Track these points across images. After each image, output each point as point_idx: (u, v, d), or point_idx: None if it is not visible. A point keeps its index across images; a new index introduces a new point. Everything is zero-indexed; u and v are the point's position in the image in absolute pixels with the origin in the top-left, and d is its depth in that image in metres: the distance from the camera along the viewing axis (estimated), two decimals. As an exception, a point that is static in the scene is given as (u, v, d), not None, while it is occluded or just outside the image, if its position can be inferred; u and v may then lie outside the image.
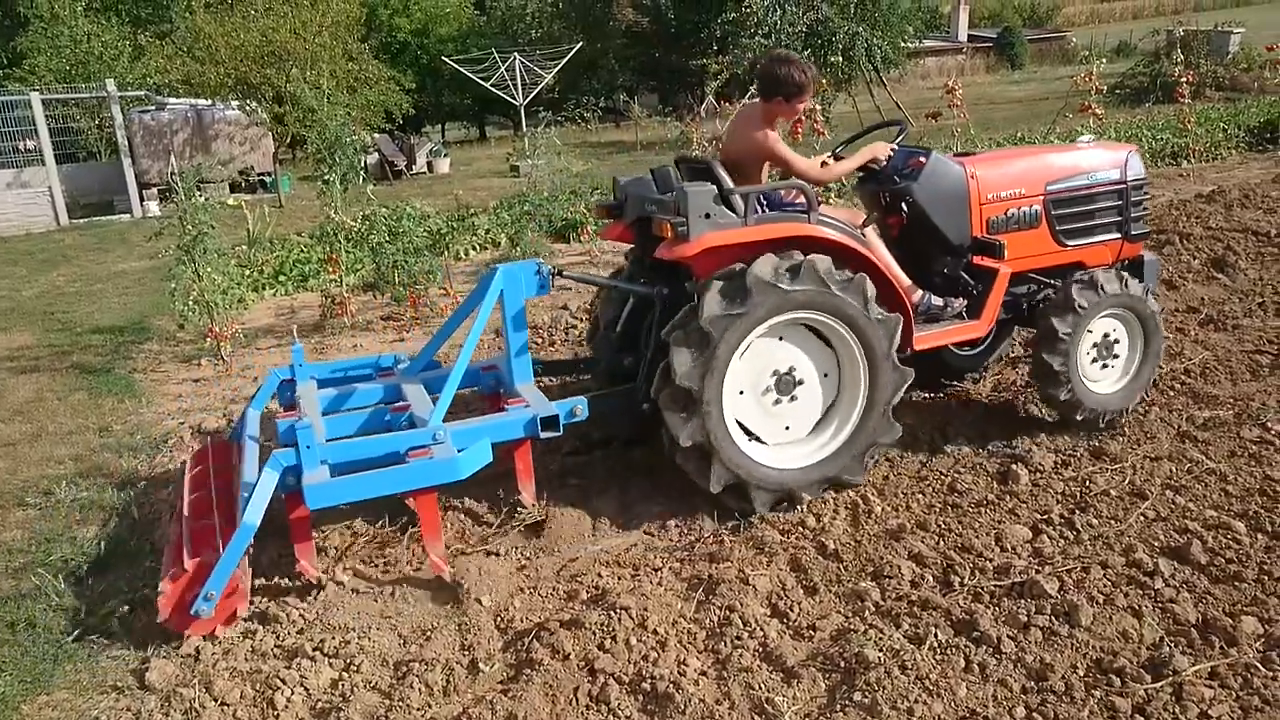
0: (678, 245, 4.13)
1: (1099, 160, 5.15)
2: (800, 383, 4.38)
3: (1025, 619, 3.44)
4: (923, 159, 4.81)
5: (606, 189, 13.13)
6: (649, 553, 4.17)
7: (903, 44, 27.61)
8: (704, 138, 11.38)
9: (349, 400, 4.71)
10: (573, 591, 3.92)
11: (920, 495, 4.50)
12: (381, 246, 8.06)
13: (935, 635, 3.37)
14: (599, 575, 4.01)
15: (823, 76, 19.62)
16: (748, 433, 4.37)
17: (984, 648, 3.31)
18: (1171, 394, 5.42)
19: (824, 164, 4.75)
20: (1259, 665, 3.13)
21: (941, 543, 4.05)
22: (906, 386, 4.46)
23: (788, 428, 4.43)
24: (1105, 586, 3.62)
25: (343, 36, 20.13)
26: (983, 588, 3.67)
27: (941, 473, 4.69)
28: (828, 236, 4.30)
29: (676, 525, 4.40)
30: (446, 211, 12.60)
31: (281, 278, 10.15)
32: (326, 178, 8.05)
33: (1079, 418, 4.92)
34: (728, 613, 3.60)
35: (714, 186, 4.22)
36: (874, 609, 3.61)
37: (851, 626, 3.50)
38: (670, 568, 4.02)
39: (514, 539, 4.35)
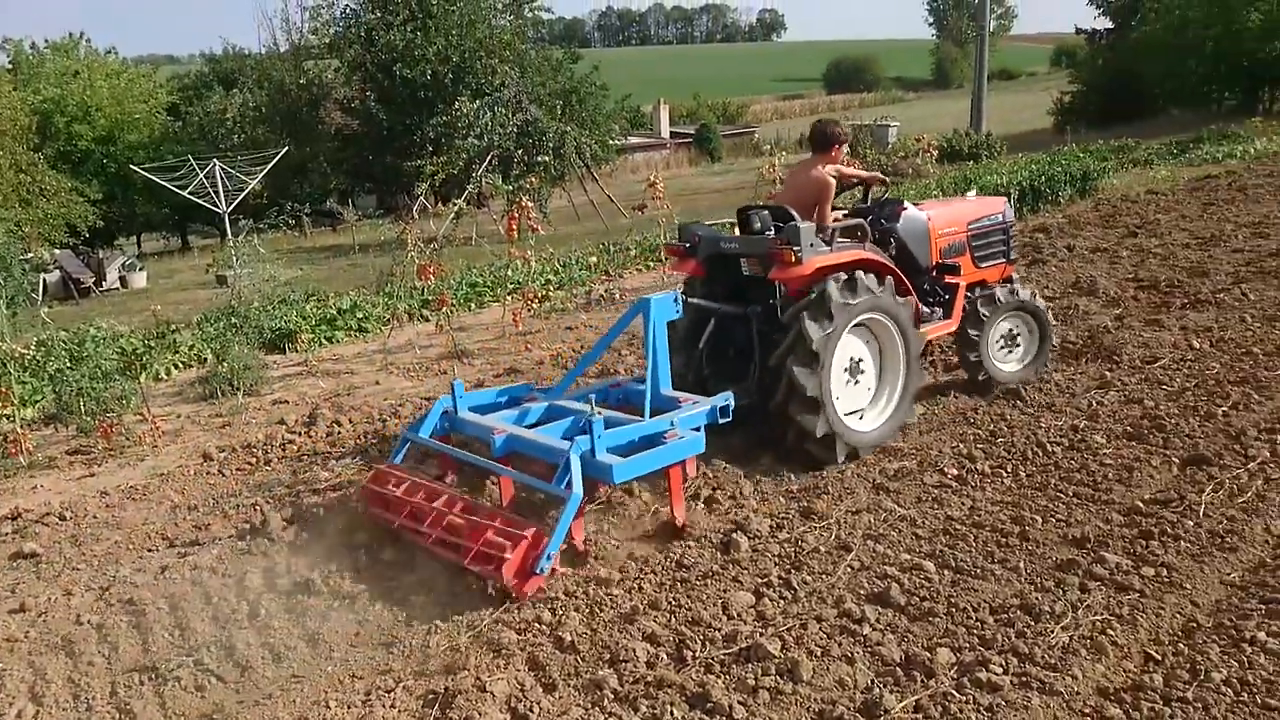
0: (793, 267, 5.49)
1: (991, 207, 7.14)
2: (862, 360, 5.90)
3: (753, 682, 3.58)
4: (902, 207, 6.60)
5: (322, 293, 12.71)
6: (380, 675, 3.95)
7: (610, 141, 29.26)
8: (418, 238, 11.32)
9: (525, 418, 5.62)
10: (298, 730, 3.63)
11: (651, 574, 4.59)
12: (62, 373, 7.29)
13: (671, 713, 3.42)
14: (326, 706, 3.74)
15: (534, 174, 20.30)
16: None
17: (717, 718, 3.40)
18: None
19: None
20: (954, 692, 3.43)
21: (673, 619, 4.14)
22: (924, 344, 6.22)
23: (860, 397, 5.97)
24: (822, 639, 3.85)
25: (10, 146, 18.38)
26: (714, 658, 3.78)
27: (670, 549, 4.83)
28: (879, 259, 5.93)
29: (413, 636, 4.22)
30: (144, 329, 11.67)
31: (-60, 417, 8.88)
32: (-11, 302, 7.22)
33: (994, 390, 6.71)
34: (466, 725, 3.47)
35: (811, 224, 5.67)
36: (612, 696, 3.61)
37: (591, 718, 3.48)
38: (404, 685, 3.83)
39: (245, 681, 3.98)
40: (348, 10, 32.40)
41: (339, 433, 7.25)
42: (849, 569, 4.43)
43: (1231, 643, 3.62)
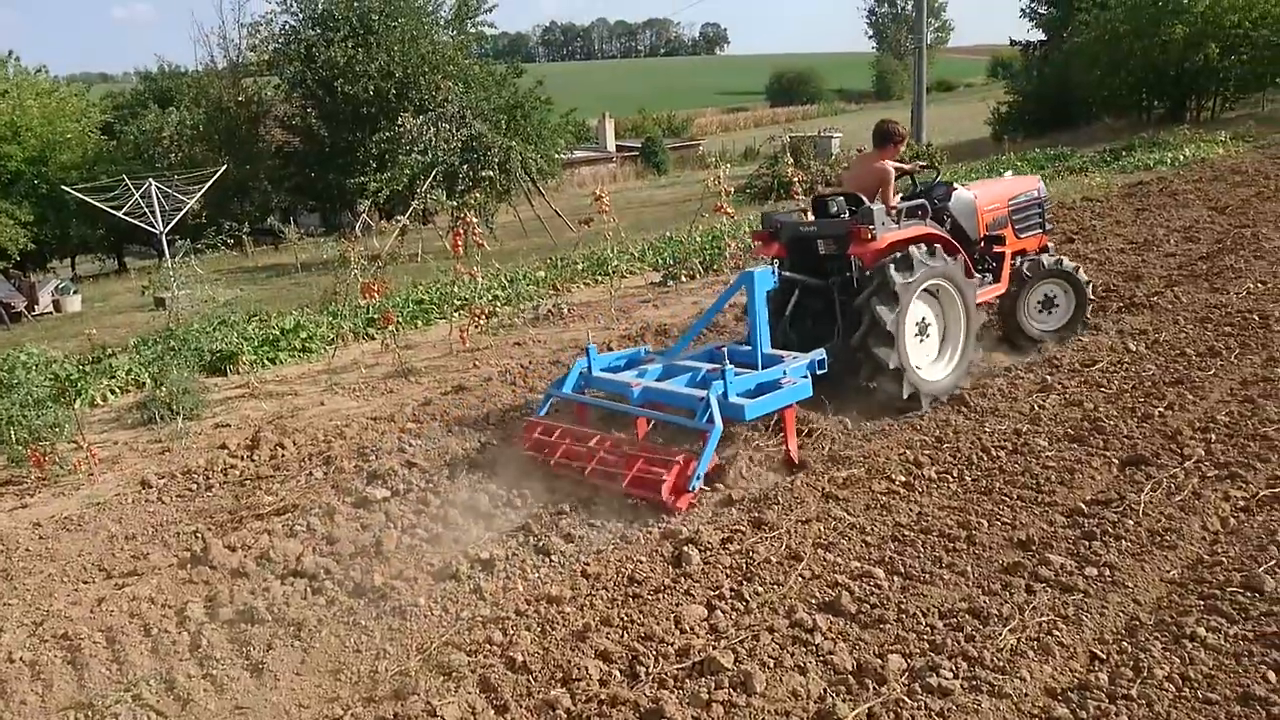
0: (869, 243, 6.40)
1: (1028, 184, 8.15)
2: (930, 323, 6.81)
3: (706, 696, 3.56)
4: (952, 188, 7.61)
5: (266, 314, 12.48)
6: (328, 703, 3.87)
7: (556, 156, 29.18)
8: (362, 256, 11.16)
9: (650, 374, 6.44)
10: (242, 763, 3.53)
11: (603, 590, 4.56)
12: (-10, 402, 7.05)
13: (625, 731, 3.39)
14: (272, 739, 3.65)
15: (479, 189, 20.14)
16: None
17: (671, 734, 3.38)
18: (813, 459, 5.96)
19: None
20: (906, 698, 3.45)
21: (626, 635, 4.11)
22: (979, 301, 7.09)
23: (927, 353, 6.84)
24: (774, 650, 3.84)
25: (-65, 169, 17.79)
26: (667, 673, 3.76)
27: (620, 564, 4.80)
28: (941, 234, 6.88)
29: (360, 662, 4.13)
30: (78, 354, 11.36)
31: None
32: (-89, 331, 6.95)
33: (1021, 342, 7.79)
34: (416, 752, 3.41)
35: (881, 205, 6.62)
36: (565, 715, 3.57)
37: (544, 739, 3.44)
38: (353, 713, 3.76)
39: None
40: (287, 27, 31.97)
41: (283, 455, 7.11)
42: (800, 578, 4.44)
43: (1173, 639, 3.69)
